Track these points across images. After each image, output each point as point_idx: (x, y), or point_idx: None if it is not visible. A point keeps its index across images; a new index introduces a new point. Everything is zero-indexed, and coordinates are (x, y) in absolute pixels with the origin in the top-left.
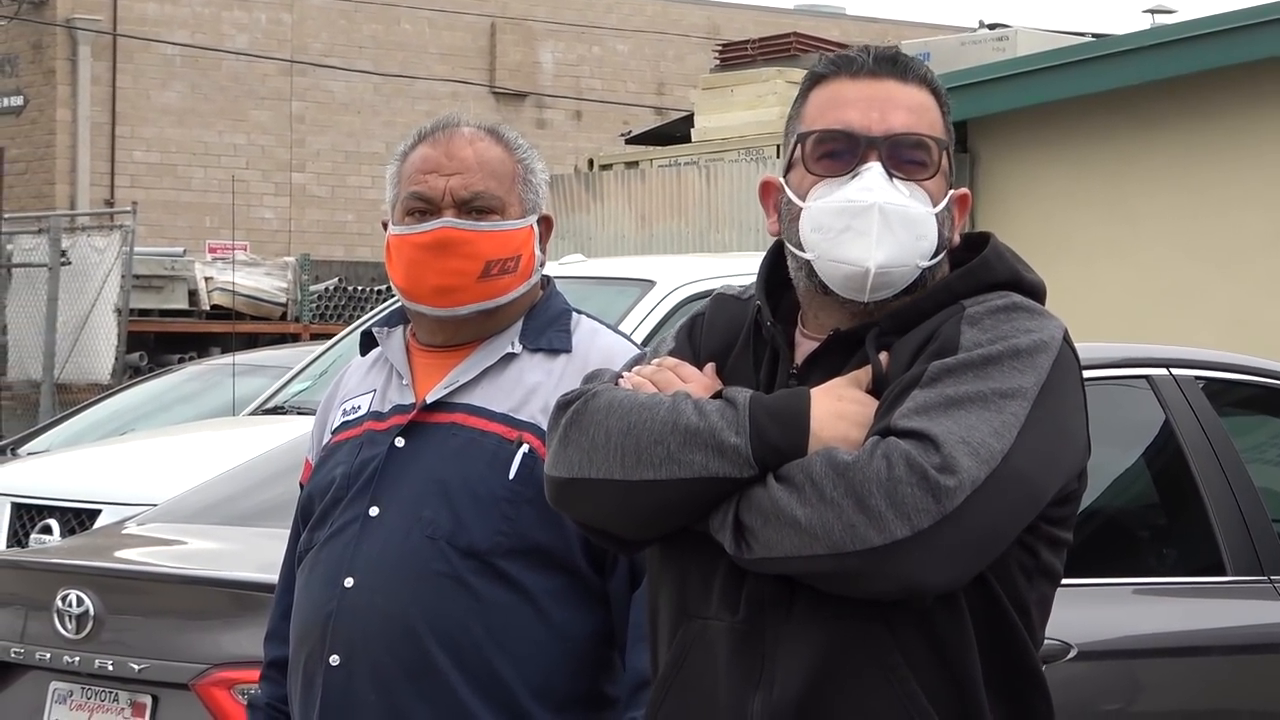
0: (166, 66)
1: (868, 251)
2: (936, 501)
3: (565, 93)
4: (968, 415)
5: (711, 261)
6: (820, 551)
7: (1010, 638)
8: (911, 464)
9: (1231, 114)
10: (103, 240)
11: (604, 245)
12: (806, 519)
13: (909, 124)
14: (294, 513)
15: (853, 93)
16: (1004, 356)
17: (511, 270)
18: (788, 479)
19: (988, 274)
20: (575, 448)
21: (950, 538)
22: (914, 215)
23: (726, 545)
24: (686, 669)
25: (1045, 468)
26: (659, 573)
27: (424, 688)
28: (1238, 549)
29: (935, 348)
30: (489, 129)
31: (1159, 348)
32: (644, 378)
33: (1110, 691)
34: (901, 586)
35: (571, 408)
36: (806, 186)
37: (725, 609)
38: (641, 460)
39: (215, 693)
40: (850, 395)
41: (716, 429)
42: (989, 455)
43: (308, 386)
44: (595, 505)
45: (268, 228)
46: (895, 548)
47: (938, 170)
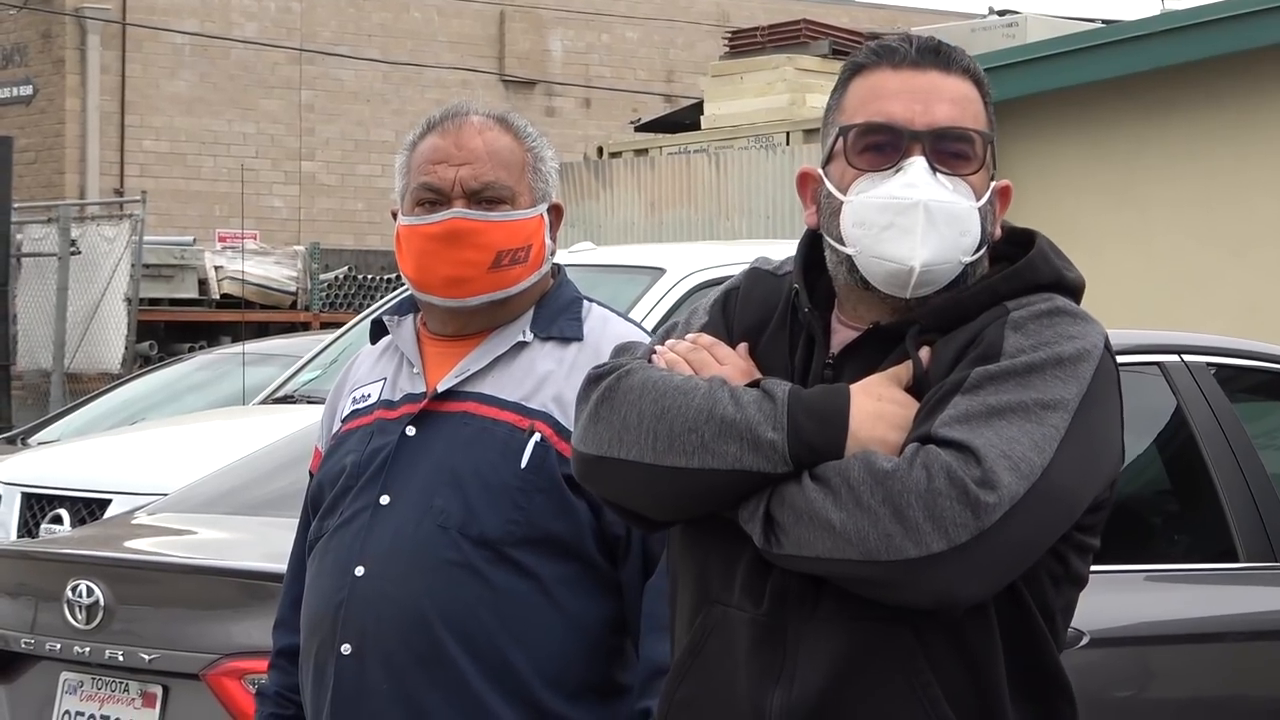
0: (175, 55)
1: (912, 250)
2: (975, 517)
3: (574, 80)
4: (1009, 426)
5: (721, 249)
6: (853, 557)
7: (1036, 643)
8: (952, 477)
9: (1242, 100)
10: (112, 229)
11: (613, 233)
12: (841, 523)
13: (953, 117)
14: (304, 501)
15: (895, 84)
16: (1047, 365)
17: (522, 260)
18: (824, 480)
19: (1033, 275)
20: (606, 425)
21: (986, 553)
22: (958, 211)
23: (755, 538)
24: (705, 655)
25: (1082, 481)
26: (681, 555)
27: (436, 676)
28: (1250, 535)
29: (979, 352)
30: (498, 117)
31: (1170, 334)
32: (679, 355)
33: (1122, 679)
34: (934, 599)
35: (604, 383)
36: (848, 180)
37: (748, 599)
38: (674, 446)
39: (226, 683)
40: (890, 395)
41: (753, 422)
42: (1029, 470)
43: (318, 375)
44: (623, 485)
45: (277, 216)
46: (930, 560)
47: (981, 164)
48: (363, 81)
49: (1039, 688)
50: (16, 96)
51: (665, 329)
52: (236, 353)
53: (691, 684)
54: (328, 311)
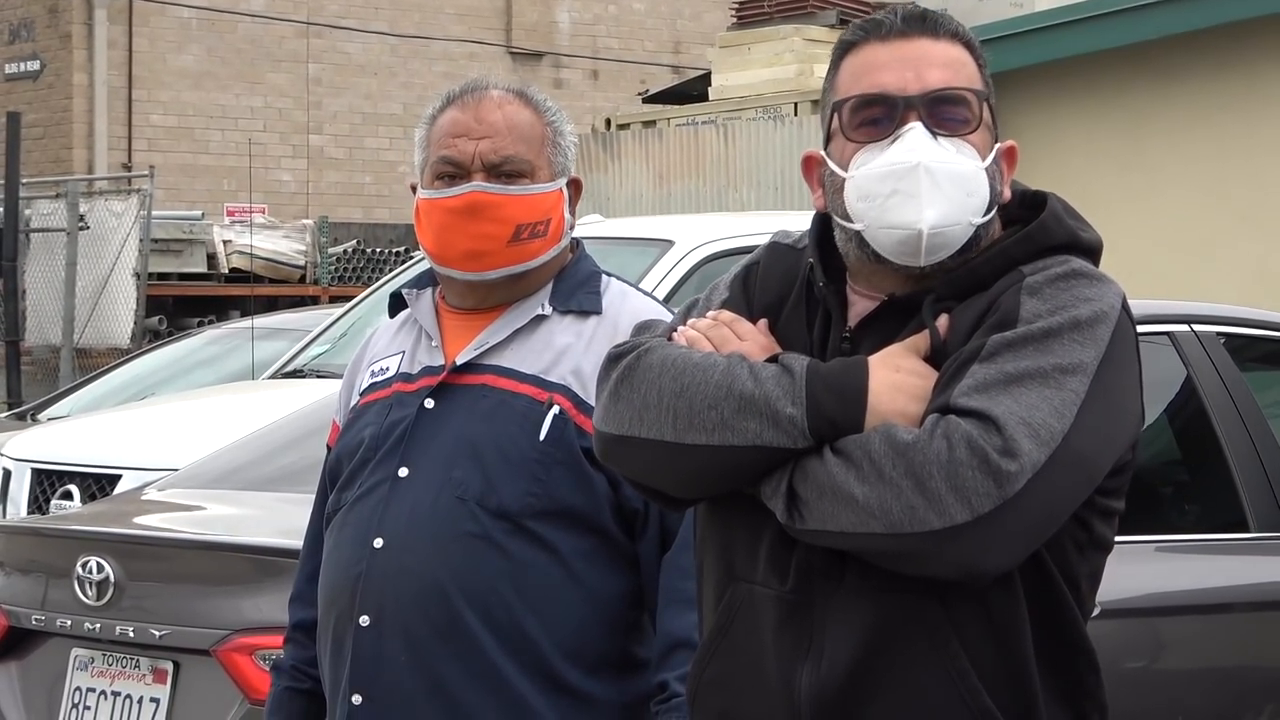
0: (183, 30)
1: (918, 213)
2: (998, 486)
3: (582, 52)
4: (1028, 393)
5: (729, 220)
6: (877, 530)
7: (1061, 612)
8: (973, 446)
9: (1251, 67)
10: (120, 204)
11: (621, 205)
12: (864, 497)
13: (946, 80)
14: (317, 477)
15: (885, 55)
16: (1064, 329)
17: (541, 234)
18: (845, 454)
19: (1046, 238)
20: (626, 404)
21: (1010, 522)
22: (962, 171)
23: (778, 514)
24: (733, 634)
25: (1103, 445)
26: (705, 533)
27: (454, 648)
28: (1260, 505)
29: (995, 319)
30: (518, 92)
31: (1180, 304)
32: (700, 332)
33: (1133, 649)
34: (959, 569)
35: (624, 362)
36: (848, 155)
37: (773, 575)
38: (694, 423)
39: (237, 658)
40: (908, 366)
41: (772, 398)
42: (1050, 436)
43: (327, 350)
44: (644, 464)
45: (285, 190)
46: (954, 531)
47: (980, 123)
48: (370, 55)
49: (1064, 656)
50: (24, 72)
51: (686, 306)
52: (245, 327)
53: (720, 663)
54: (336, 285)
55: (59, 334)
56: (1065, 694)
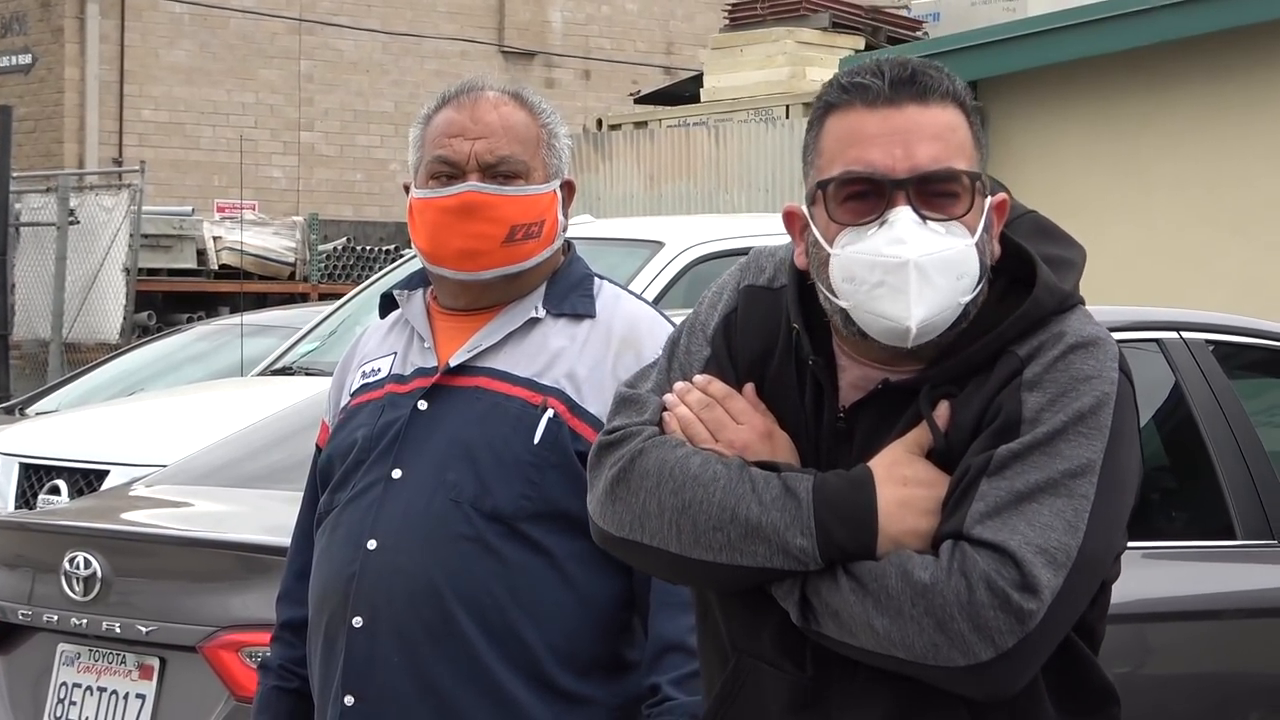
0: (175, 25)
1: (907, 309)
2: (1020, 623)
3: (574, 52)
4: (1041, 510)
5: (720, 222)
6: (901, 656)
7: (1077, 662)
8: (992, 587)
9: (1247, 74)
10: (111, 199)
11: (612, 205)
12: (884, 630)
13: (936, 156)
14: (306, 474)
15: (872, 126)
16: (1069, 426)
17: (535, 235)
18: (861, 583)
19: (1039, 312)
20: (625, 508)
21: (1033, 649)
22: (952, 258)
23: (793, 616)
24: (739, 706)
25: (1113, 537)
26: (703, 598)
27: (447, 650)
28: (1247, 512)
29: (998, 424)
30: (513, 93)
31: (1169, 311)
32: (693, 413)
33: (1120, 655)
34: (986, 696)
35: (618, 459)
36: (833, 232)
37: (786, 660)
38: (699, 542)
39: (223, 655)
40: (914, 476)
41: (780, 527)
42: (1065, 558)
43: (316, 347)
44: (650, 565)
45: (276, 187)
46: (979, 667)
47: (972, 200)
48: (362, 52)
49: (1086, 700)
50: (15, 65)
51: (669, 345)
52: (235, 323)
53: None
54: (326, 282)
55: (48, 328)
56: None
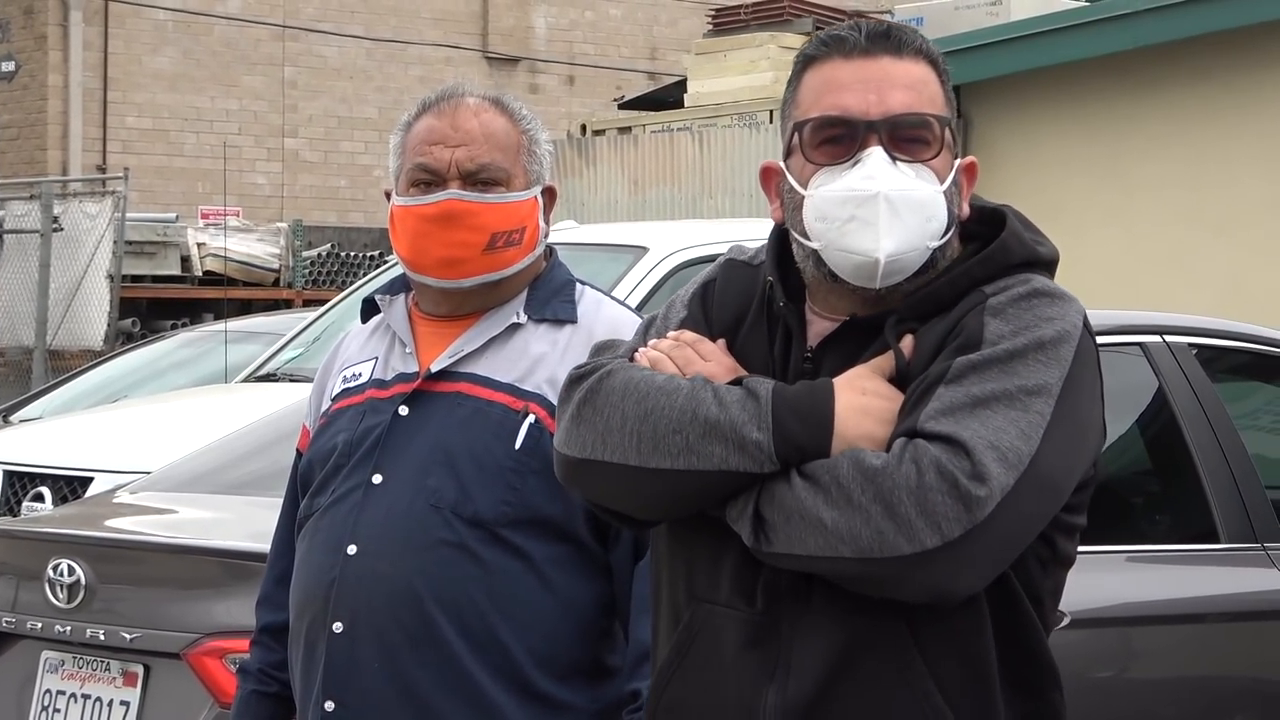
0: (158, 32)
1: (875, 241)
2: (968, 510)
3: (558, 57)
4: (995, 416)
5: (705, 227)
6: (846, 554)
7: (1024, 629)
8: (942, 471)
9: (1228, 78)
10: (95, 206)
11: (596, 211)
12: (833, 522)
13: (908, 103)
14: (288, 480)
15: (847, 74)
16: (1028, 350)
17: (516, 242)
18: (813, 478)
19: (1006, 257)
20: (589, 427)
21: (979, 545)
22: (921, 198)
23: (745, 537)
24: (692, 656)
25: (1068, 465)
26: (667, 555)
27: (427, 655)
28: (1231, 516)
29: (959, 341)
30: (494, 99)
31: (1152, 314)
32: (662, 353)
33: (1104, 659)
34: (929, 593)
35: (585, 384)
36: (808, 174)
37: (739, 597)
38: (658, 448)
39: (207, 662)
40: (874, 388)
41: (738, 423)
42: (1017, 460)
43: (300, 353)
44: (607, 487)
45: (260, 193)
46: (925, 556)
47: (941, 147)
48: (346, 58)
49: (1028, 672)
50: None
51: (645, 323)
52: (219, 330)
53: (679, 686)
54: (310, 289)
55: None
56: (1028, 711)
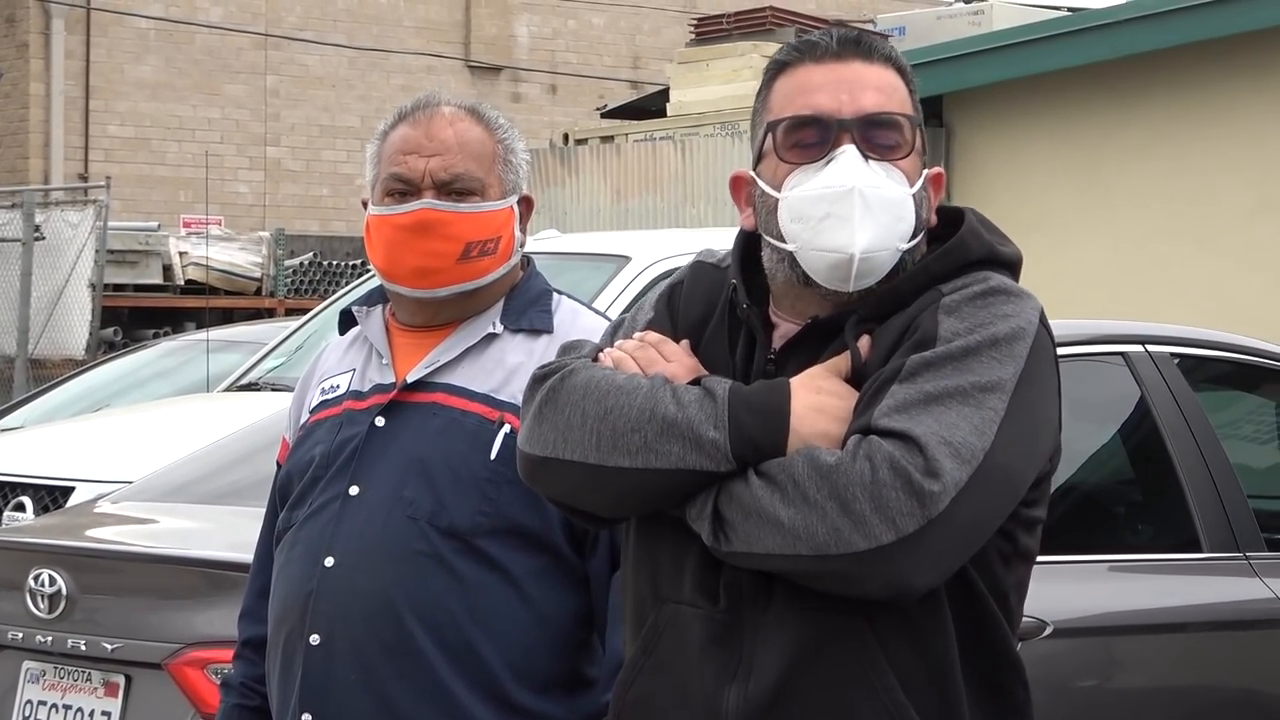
0: (140, 40)
1: (851, 236)
2: (921, 506)
3: (540, 66)
4: (948, 412)
5: (687, 236)
6: (804, 552)
7: (988, 625)
8: (895, 467)
9: (1208, 88)
10: (77, 215)
11: (578, 220)
12: (790, 520)
13: (880, 104)
14: (269, 491)
15: (819, 77)
16: (982, 347)
17: (491, 252)
18: (769, 477)
19: (964, 254)
20: (550, 426)
21: (935, 540)
22: (892, 197)
23: (704, 536)
24: (658, 654)
25: (1024, 459)
26: (632, 552)
27: (404, 667)
28: (1213, 525)
29: (914, 339)
30: (469, 108)
31: (1134, 324)
32: (626, 353)
33: (1086, 668)
34: (886, 589)
35: (547, 383)
36: (781, 176)
37: (702, 596)
38: (617, 446)
39: (188, 672)
40: (829, 387)
41: (695, 421)
42: (970, 455)
43: (282, 363)
44: (568, 485)
45: (242, 202)
46: (880, 552)
47: (912, 149)
48: (328, 67)
49: (992, 668)
50: None
51: (613, 325)
52: (201, 339)
53: (644, 684)
54: (293, 298)
55: (13, 344)
56: (993, 707)
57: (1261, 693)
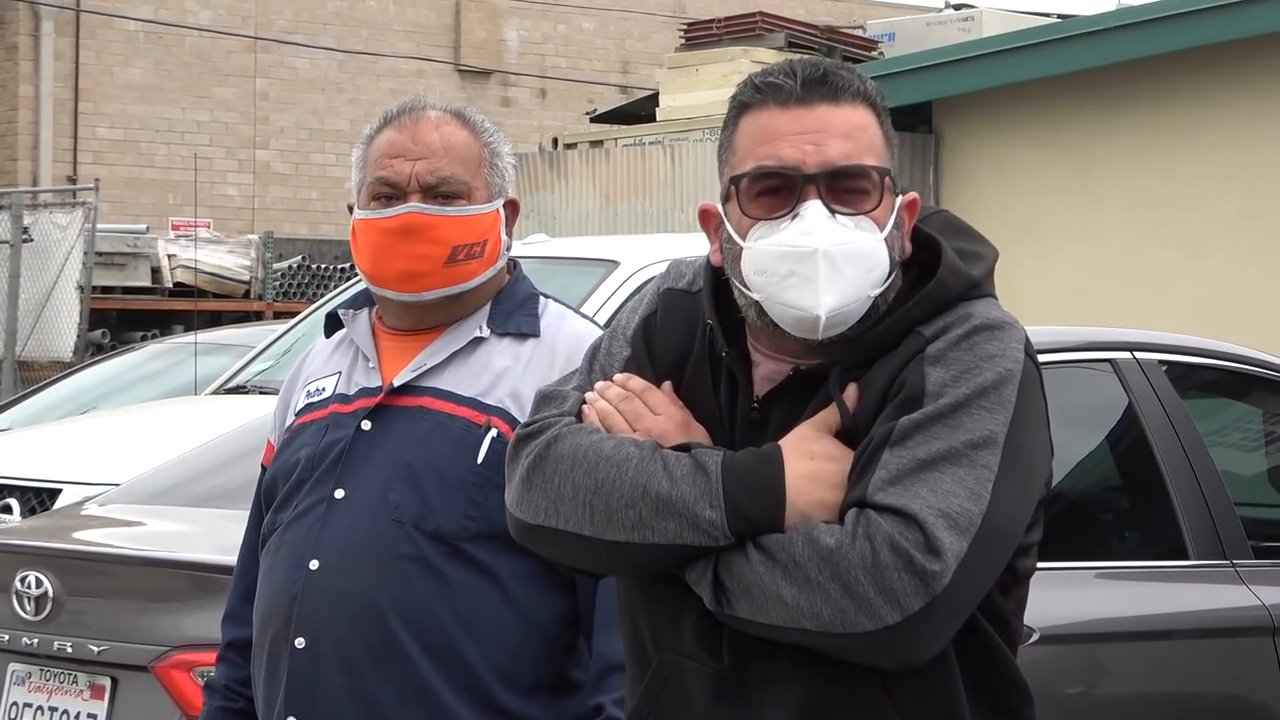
0: (130, 43)
1: (815, 298)
2: (924, 585)
3: (530, 71)
4: (943, 478)
5: (676, 241)
6: (810, 628)
7: (992, 656)
8: (896, 548)
9: (1197, 96)
10: (65, 217)
11: (568, 224)
12: (793, 599)
13: (846, 153)
14: (254, 494)
15: (784, 124)
16: (971, 399)
17: (478, 255)
18: (769, 554)
19: (944, 294)
20: (540, 494)
21: (939, 614)
22: (861, 249)
23: (706, 600)
24: (663, 704)
25: (1019, 511)
26: (627, 597)
27: (390, 670)
28: (1200, 533)
29: (902, 396)
30: (455, 112)
31: (1122, 331)
32: (611, 405)
33: (1072, 675)
34: (894, 663)
35: (533, 447)
36: (745, 226)
37: (705, 652)
38: (612, 522)
39: (175, 675)
40: (822, 451)
41: (689, 500)
42: (969, 523)
43: (270, 366)
44: (563, 551)
45: (231, 205)
46: (886, 632)
47: (881, 196)
48: (317, 70)
49: (1000, 694)
50: None
51: (590, 352)
52: (189, 342)
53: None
54: (281, 301)
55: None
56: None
57: (1247, 699)
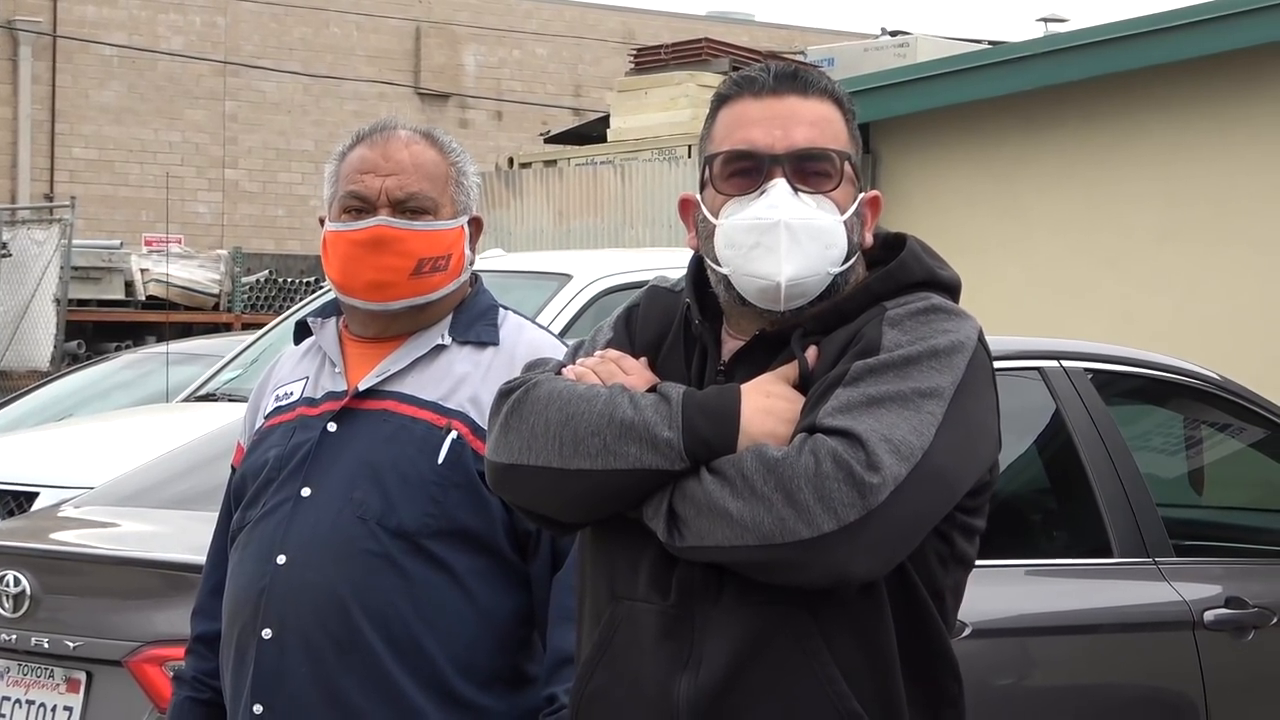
0: (104, 67)
1: (777, 266)
2: (862, 496)
3: (487, 94)
4: (889, 414)
5: (626, 256)
6: (751, 542)
7: (925, 622)
8: (838, 460)
9: (1119, 118)
10: (42, 233)
11: (523, 240)
12: (738, 511)
13: (811, 138)
14: (224, 494)
15: (756, 112)
16: (923, 357)
17: (442, 268)
18: (720, 472)
19: (906, 275)
20: (515, 435)
21: (874, 531)
22: (821, 226)
23: (659, 533)
24: (614, 648)
25: (961, 462)
26: (589, 555)
27: (352, 661)
28: (1123, 532)
29: (859, 348)
30: (424, 132)
31: (1050, 340)
32: (588, 368)
33: (1002, 668)
34: (828, 576)
35: (513, 396)
36: (718, 205)
37: (655, 592)
38: (579, 450)
39: (147, 669)
40: (778, 391)
41: (650, 423)
42: (909, 452)
43: (239, 374)
44: (533, 491)
45: (201, 221)
46: (822, 540)
47: (841, 180)
48: (284, 93)
49: (928, 664)
50: None
51: (574, 346)
52: (161, 352)
53: (601, 677)
54: (249, 313)
55: None
56: (928, 699)
57: (1168, 690)
